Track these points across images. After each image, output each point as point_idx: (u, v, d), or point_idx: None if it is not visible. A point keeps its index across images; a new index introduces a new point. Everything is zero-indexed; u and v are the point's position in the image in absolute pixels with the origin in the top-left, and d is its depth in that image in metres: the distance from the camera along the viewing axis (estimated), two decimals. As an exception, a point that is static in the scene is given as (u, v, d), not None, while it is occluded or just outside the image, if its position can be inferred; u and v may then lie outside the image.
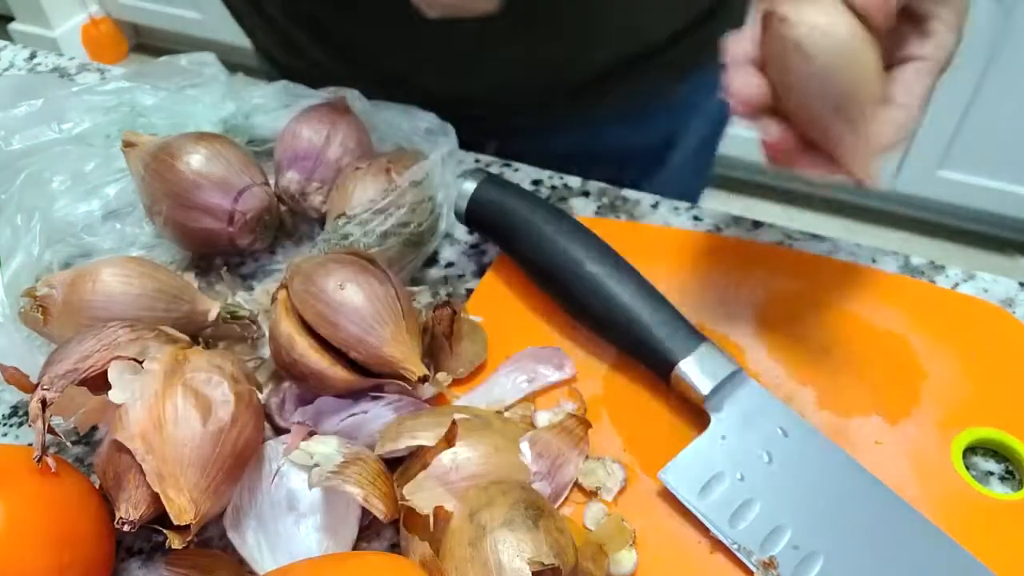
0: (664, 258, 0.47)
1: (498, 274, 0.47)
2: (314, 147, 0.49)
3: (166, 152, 0.47)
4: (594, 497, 0.37)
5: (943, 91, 0.68)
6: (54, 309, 0.41)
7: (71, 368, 0.35)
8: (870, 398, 0.40)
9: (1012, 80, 1.43)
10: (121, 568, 0.37)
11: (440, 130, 0.50)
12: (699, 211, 0.51)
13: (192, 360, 0.35)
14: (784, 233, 0.49)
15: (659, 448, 0.38)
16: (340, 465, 0.34)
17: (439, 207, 0.47)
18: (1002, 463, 0.39)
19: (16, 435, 0.42)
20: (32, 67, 0.68)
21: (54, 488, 0.34)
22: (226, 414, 0.34)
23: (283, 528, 0.35)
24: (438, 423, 0.37)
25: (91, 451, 0.41)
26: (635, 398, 0.41)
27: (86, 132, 0.54)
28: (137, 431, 0.33)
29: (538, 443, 0.37)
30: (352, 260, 0.40)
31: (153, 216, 0.48)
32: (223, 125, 0.55)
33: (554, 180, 0.54)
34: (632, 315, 0.40)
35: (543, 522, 0.32)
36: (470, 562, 0.31)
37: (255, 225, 0.48)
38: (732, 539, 0.35)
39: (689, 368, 0.38)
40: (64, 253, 0.49)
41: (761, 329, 0.44)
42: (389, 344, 0.38)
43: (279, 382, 0.41)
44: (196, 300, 0.43)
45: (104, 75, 0.65)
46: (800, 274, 0.46)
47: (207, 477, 0.33)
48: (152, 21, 2.32)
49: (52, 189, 0.49)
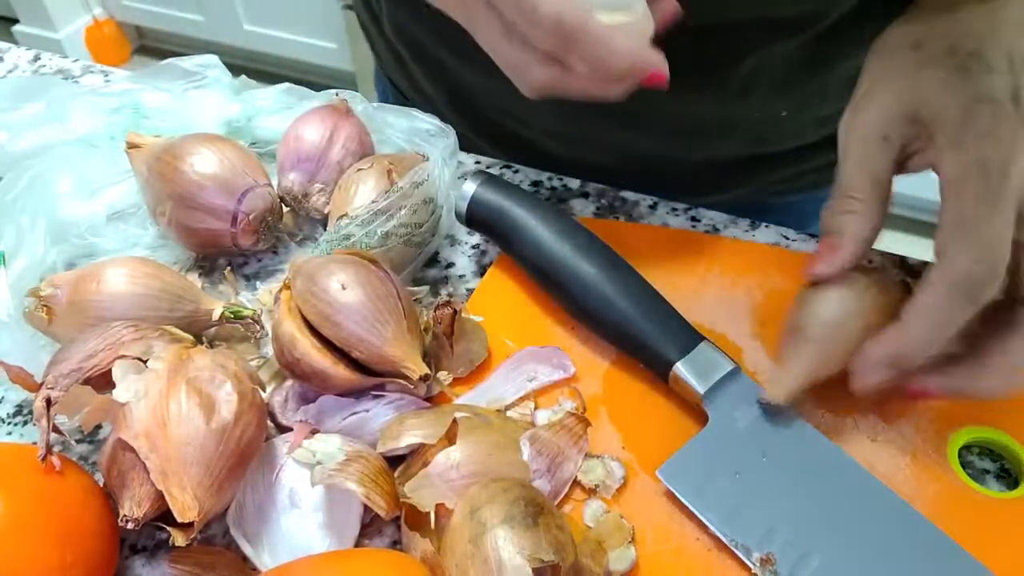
0: (663, 258, 0.47)
1: (498, 274, 0.48)
2: (316, 149, 0.49)
3: (170, 154, 0.47)
4: (593, 495, 0.38)
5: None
6: (58, 309, 0.42)
7: (75, 367, 0.36)
8: (867, 397, 0.40)
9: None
10: (125, 565, 0.37)
11: (441, 132, 0.51)
12: (697, 212, 0.51)
13: (196, 359, 0.36)
14: (781, 234, 0.49)
15: (658, 446, 0.39)
16: (342, 463, 0.34)
17: (440, 208, 0.47)
18: (997, 461, 0.39)
19: (21, 433, 0.42)
20: (36, 69, 0.68)
21: (58, 486, 0.34)
22: (229, 413, 0.34)
23: (285, 525, 0.36)
24: (439, 421, 0.37)
25: (95, 449, 0.41)
26: (634, 397, 0.41)
27: (90, 134, 0.54)
28: (141, 429, 0.33)
29: (538, 441, 0.38)
30: (354, 260, 0.40)
31: (157, 217, 0.49)
32: (226, 127, 0.55)
33: (553, 181, 0.54)
34: (631, 315, 0.41)
35: (543, 519, 0.32)
36: (470, 559, 0.31)
37: (258, 226, 0.48)
38: (730, 536, 0.35)
39: (687, 367, 0.39)
40: (68, 253, 0.49)
41: (759, 329, 0.44)
42: (390, 343, 0.38)
43: (282, 381, 0.42)
44: (200, 300, 0.44)
45: (108, 77, 0.66)
46: (797, 274, 0.46)
47: (210, 475, 0.33)
48: (156, 23, 2.33)
49: (56, 190, 0.50)
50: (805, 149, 0.57)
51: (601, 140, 0.55)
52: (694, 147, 0.55)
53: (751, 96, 0.52)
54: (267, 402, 0.40)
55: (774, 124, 0.54)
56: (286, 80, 0.58)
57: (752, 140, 0.55)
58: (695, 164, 0.56)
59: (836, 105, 0.52)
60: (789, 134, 0.55)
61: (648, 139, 0.54)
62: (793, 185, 0.58)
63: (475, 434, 0.37)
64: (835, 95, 0.52)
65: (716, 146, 0.55)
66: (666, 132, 0.54)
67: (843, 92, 0.51)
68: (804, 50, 0.49)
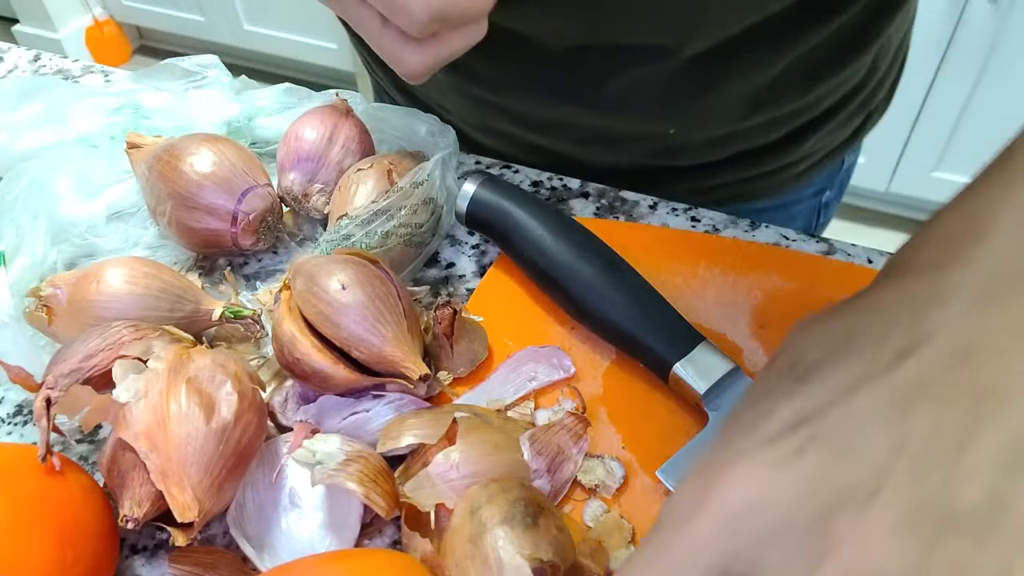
0: (662, 258, 0.47)
1: (498, 274, 0.48)
2: (316, 149, 0.49)
3: (170, 154, 0.47)
4: (593, 495, 0.38)
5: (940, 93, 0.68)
6: (59, 309, 0.42)
7: (75, 367, 0.36)
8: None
9: (1007, 82, 1.44)
10: (125, 566, 0.37)
11: (441, 132, 0.51)
12: (697, 212, 0.51)
13: (196, 359, 0.36)
14: (781, 234, 0.49)
15: (658, 446, 0.39)
16: (342, 463, 0.34)
17: (440, 208, 0.47)
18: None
19: (21, 434, 0.42)
20: (36, 69, 0.68)
21: (58, 486, 0.34)
22: (229, 412, 0.34)
23: (286, 525, 0.36)
24: (439, 421, 0.37)
25: (95, 449, 0.41)
26: (634, 397, 0.42)
27: (90, 134, 0.54)
28: (141, 429, 0.33)
29: (538, 441, 0.38)
30: (354, 260, 0.40)
31: (157, 217, 0.49)
32: (226, 127, 0.55)
33: (553, 181, 0.54)
34: (630, 315, 0.41)
35: (543, 520, 0.32)
36: (470, 559, 0.31)
37: (258, 226, 0.48)
38: (730, 536, 0.35)
39: (687, 367, 0.39)
40: (69, 253, 0.49)
41: (758, 329, 0.44)
42: (390, 344, 0.38)
43: (282, 381, 0.42)
44: (200, 300, 0.44)
45: (108, 77, 0.66)
46: (797, 274, 0.46)
47: (210, 475, 0.33)
48: (156, 23, 2.33)
49: (57, 190, 0.50)
50: (708, 166, 0.57)
51: (524, 141, 0.57)
52: (597, 153, 0.56)
53: (628, 113, 0.53)
54: (267, 402, 0.40)
55: (665, 140, 0.55)
56: (286, 80, 0.59)
57: (652, 152, 0.56)
58: (606, 169, 0.57)
59: (726, 127, 0.53)
60: (686, 151, 0.56)
61: (560, 143, 0.56)
62: (707, 198, 0.59)
63: (475, 434, 0.37)
64: (721, 118, 0.53)
65: (618, 154, 0.56)
66: (572, 138, 0.56)
67: (730, 116, 0.52)
68: (677, 75, 0.49)
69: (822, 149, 0.60)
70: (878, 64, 0.57)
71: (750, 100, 0.52)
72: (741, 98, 0.51)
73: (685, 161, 0.57)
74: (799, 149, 0.58)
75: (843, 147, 0.61)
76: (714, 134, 0.55)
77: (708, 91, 0.51)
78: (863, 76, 0.56)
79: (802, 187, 0.63)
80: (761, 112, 0.53)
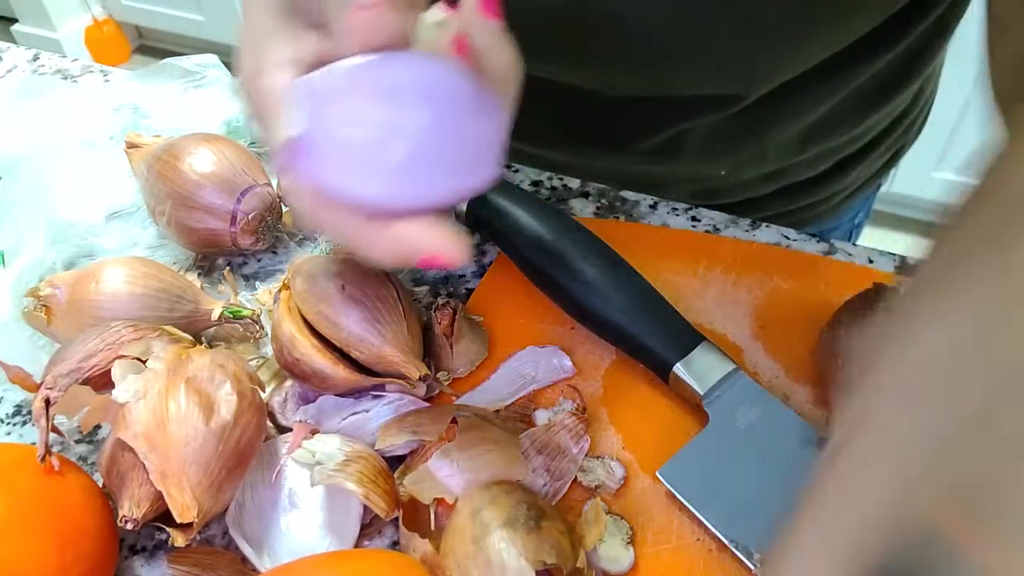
0: (663, 258, 0.47)
1: (498, 274, 0.48)
2: (316, 148, 0.49)
3: (169, 153, 0.47)
4: (593, 495, 0.38)
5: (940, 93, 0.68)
6: (58, 309, 0.41)
7: (75, 367, 0.36)
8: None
9: (1011, 82, 1.43)
10: (124, 566, 0.37)
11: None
12: (697, 212, 0.51)
13: (195, 359, 0.36)
14: (781, 234, 0.49)
15: (658, 446, 0.38)
16: (342, 463, 0.34)
17: (440, 208, 0.47)
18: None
19: (20, 434, 0.42)
20: (35, 69, 0.68)
21: (57, 486, 0.34)
22: (229, 413, 0.34)
23: (285, 526, 0.36)
24: (439, 421, 0.37)
25: (94, 450, 0.41)
26: (634, 397, 0.41)
27: (90, 134, 0.54)
28: (140, 430, 0.33)
29: (538, 441, 0.38)
30: (354, 260, 0.40)
31: (156, 217, 0.49)
32: (226, 126, 0.55)
33: (553, 181, 0.54)
34: (631, 315, 0.41)
35: (546, 523, 0.32)
36: (472, 559, 0.31)
37: (257, 225, 0.48)
38: (730, 537, 0.35)
39: (687, 367, 0.39)
40: (68, 253, 0.49)
41: (759, 329, 0.44)
42: (390, 344, 0.38)
43: (281, 381, 0.42)
44: (199, 300, 0.44)
45: (107, 77, 0.65)
46: (797, 274, 0.46)
47: (210, 475, 0.33)
48: (155, 23, 2.33)
49: (56, 190, 0.50)
50: (754, 200, 0.57)
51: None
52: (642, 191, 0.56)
53: (681, 159, 0.52)
54: (267, 402, 0.40)
55: (716, 181, 0.54)
56: (286, 80, 0.58)
57: (698, 193, 0.56)
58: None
59: (778, 164, 0.53)
60: (735, 190, 0.56)
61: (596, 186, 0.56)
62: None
63: (474, 433, 0.37)
64: (775, 156, 0.53)
65: (662, 195, 0.56)
66: (612, 182, 0.55)
67: (783, 153, 0.52)
68: (730, 122, 0.49)
69: (864, 175, 0.59)
70: (924, 87, 0.56)
71: (804, 135, 0.51)
72: (796, 134, 0.50)
73: (732, 199, 0.56)
74: (846, 178, 0.57)
75: (882, 171, 0.61)
76: (765, 170, 0.54)
77: (763, 132, 0.50)
78: (911, 100, 0.55)
79: (843, 214, 0.63)
80: (814, 146, 0.52)
